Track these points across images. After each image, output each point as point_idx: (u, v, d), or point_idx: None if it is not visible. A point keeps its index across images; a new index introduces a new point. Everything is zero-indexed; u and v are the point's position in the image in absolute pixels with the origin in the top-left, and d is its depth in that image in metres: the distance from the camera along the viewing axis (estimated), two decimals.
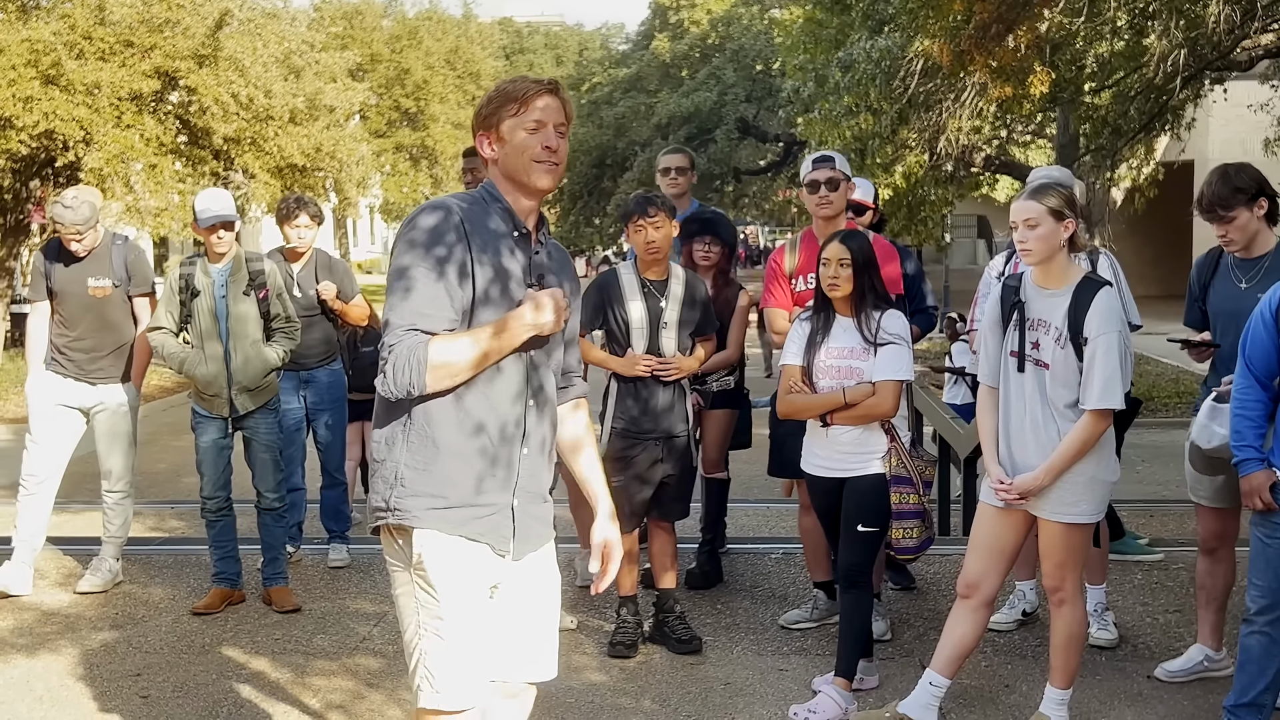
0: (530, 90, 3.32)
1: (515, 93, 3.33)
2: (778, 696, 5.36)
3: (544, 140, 3.32)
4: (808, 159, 6.12)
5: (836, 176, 5.90)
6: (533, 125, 3.32)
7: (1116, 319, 4.59)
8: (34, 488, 6.86)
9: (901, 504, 5.18)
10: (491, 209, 3.38)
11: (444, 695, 3.28)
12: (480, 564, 3.30)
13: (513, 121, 3.32)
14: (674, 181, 7.27)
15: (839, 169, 5.93)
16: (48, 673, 5.73)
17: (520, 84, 3.35)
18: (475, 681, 3.31)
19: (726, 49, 37.81)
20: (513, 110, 3.32)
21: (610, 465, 5.84)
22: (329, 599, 6.76)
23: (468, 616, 3.28)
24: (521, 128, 3.32)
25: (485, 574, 3.32)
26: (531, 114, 3.32)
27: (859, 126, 16.10)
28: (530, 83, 3.35)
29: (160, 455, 13.09)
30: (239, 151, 18.90)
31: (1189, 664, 5.48)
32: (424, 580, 3.27)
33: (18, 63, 16.33)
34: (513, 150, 3.33)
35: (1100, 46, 15.35)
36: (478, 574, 3.30)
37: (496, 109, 3.34)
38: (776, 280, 6.09)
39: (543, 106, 3.32)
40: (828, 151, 6.15)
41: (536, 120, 3.32)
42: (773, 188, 41.59)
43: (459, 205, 3.32)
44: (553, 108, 3.34)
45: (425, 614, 3.28)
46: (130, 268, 6.86)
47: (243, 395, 6.49)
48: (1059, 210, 4.61)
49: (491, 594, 3.38)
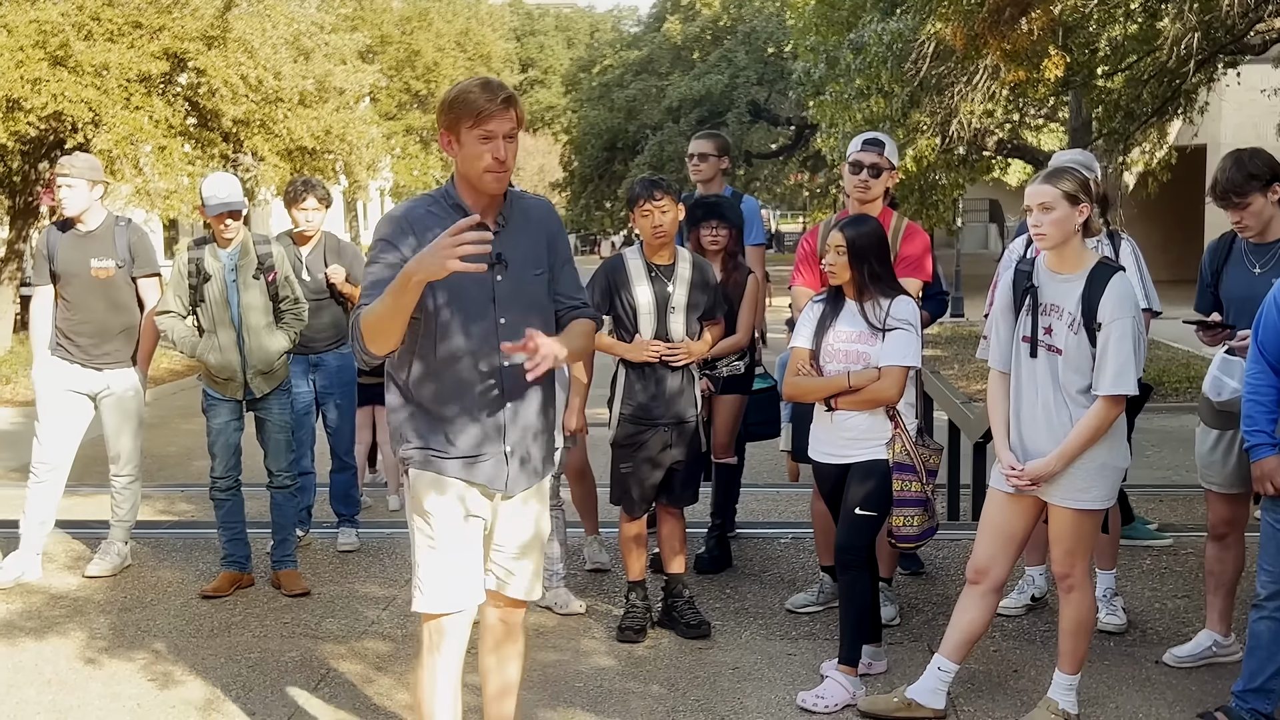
0: (485, 109, 3.70)
1: (472, 107, 3.71)
2: (786, 681, 5.36)
3: (494, 152, 3.73)
4: (858, 137, 6.07)
5: (881, 163, 5.87)
6: (485, 136, 3.72)
7: (1131, 304, 4.56)
8: (44, 475, 6.86)
9: (903, 491, 5.15)
10: (445, 206, 3.84)
11: (429, 600, 3.92)
12: (465, 499, 3.88)
13: (469, 133, 3.73)
14: (695, 167, 7.26)
15: (885, 156, 5.89)
16: (56, 656, 5.74)
17: (478, 99, 3.72)
18: (456, 591, 3.90)
19: (738, 31, 37.78)
20: (469, 123, 3.72)
21: (619, 451, 5.84)
22: (338, 583, 6.77)
23: (448, 541, 3.88)
24: (476, 139, 3.73)
25: (472, 508, 3.90)
26: (485, 126, 3.71)
27: (870, 109, 16.05)
28: (485, 100, 3.71)
29: (170, 438, 13.10)
30: (248, 134, 18.86)
31: (1197, 649, 5.47)
32: (417, 510, 3.92)
33: (26, 44, 16.30)
34: (467, 157, 3.76)
35: (1113, 30, 15.27)
36: (461, 508, 3.89)
37: (456, 119, 3.75)
38: (806, 261, 6.08)
39: (495, 122, 3.72)
40: (880, 136, 6.06)
41: (488, 131, 3.72)
42: (785, 171, 41.55)
43: (411, 210, 3.84)
44: (505, 120, 3.74)
45: (418, 537, 3.94)
46: (133, 249, 6.86)
47: (257, 378, 6.50)
48: (1074, 194, 4.57)
49: (483, 525, 3.96)
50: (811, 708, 5.03)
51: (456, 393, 3.82)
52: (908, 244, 5.91)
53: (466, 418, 3.83)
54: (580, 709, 5.11)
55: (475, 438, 3.85)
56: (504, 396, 3.86)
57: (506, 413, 3.88)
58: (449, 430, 3.84)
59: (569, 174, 45.18)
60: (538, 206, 4.06)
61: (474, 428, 3.84)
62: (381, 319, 3.60)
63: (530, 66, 59.06)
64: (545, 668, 5.53)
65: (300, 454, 7.06)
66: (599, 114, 39.83)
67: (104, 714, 5.11)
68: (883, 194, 5.98)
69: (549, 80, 58.35)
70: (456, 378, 3.81)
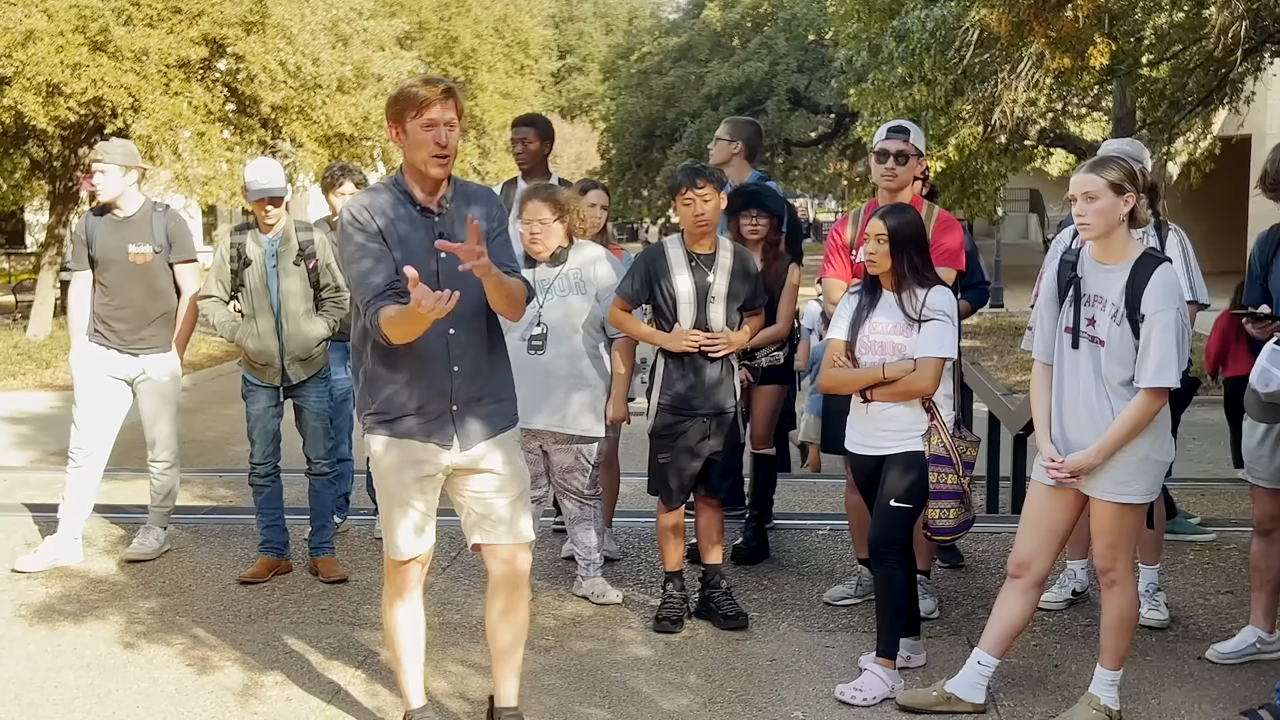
0: (424, 98, 4.11)
1: (415, 99, 4.12)
2: (824, 673, 5.33)
3: (435, 138, 4.13)
4: (883, 126, 6.03)
5: (907, 150, 5.82)
6: (427, 124, 4.12)
7: (1175, 296, 4.49)
8: (82, 460, 6.89)
9: (939, 484, 5.11)
10: (395, 192, 4.27)
11: (390, 548, 4.47)
12: (420, 458, 4.33)
13: (413, 123, 4.14)
14: (710, 151, 7.27)
15: (911, 143, 5.84)
16: (95, 640, 5.77)
17: (419, 91, 4.12)
18: (410, 541, 4.44)
19: (778, 18, 37.57)
20: (413, 114, 4.13)
21: (657, 441, 5.82)
22: (375, 570, 6.76)
23: (404, 497, 4.38)
24: (419, 127, 4.13)
25: (426, 463, 4.35)
26: (426, 115, 4.12)
27: (913, 98, 15.91)
28: (426, 91, 4.12)
29: (208, 424, 13.18)
30: (287, 120, 18.93)
31: (1241, 646, 5.41)
32: (377, 470, 4.42)
33: (66, 29, 16.40)
34: (413, 145, 4.17)
35: (1159, 18, 15.11)
36: (415, 467, 4.34)
37: (401, 111, 4.15)
38: (836, 251, 6.03)
39: (435, 110, 4.12)
40: (905, 123, 6.02)
41: (430, 120, 4.12)
42: (823, 160, 41.35)
43: (372, 200, 4.24)
44: (446, 108, 4.14)
45: (380, 493, 4.47)
46: (171, 235, 6.87)
47: (295, 365, 6.51)
48: (1119, 184, 4.51)
49: (439, 480, 4.42)
50: (850, 700, 5.00)
51: (408, 360, 4.24)
52: (944, 234, 5.85)
53: (419, 381, 4.26)
54: (616, 698, 5.09)
55: (424, 398, 4.28)
56: (450, 360, 4.28)
57: (455, 375, 4.29)
58: (403, 394, 4.28)
59: (606, 162, 45.05)
60: (479, 192, 4.50)
61: (424, 390, 4.27)
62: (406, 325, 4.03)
63: (569, 53, 58.93)
64: (581, 657, 5.52)
65: (338, 441, 7.07)
66: (637, 101, 39.70)
67: (142, 698, 5.13)
68: (911, 181, 5.91)
69: (587, 67, 58.23)
70: (408, 346, 4.17)
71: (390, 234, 4.20)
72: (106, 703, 5.09)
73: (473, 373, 4.34)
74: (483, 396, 4.38)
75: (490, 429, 4.41)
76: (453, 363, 4.29)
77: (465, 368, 4.32)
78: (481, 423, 4.38)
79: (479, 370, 4.36)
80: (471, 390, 4.34)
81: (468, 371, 4.33)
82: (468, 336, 4.31)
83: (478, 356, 4.37)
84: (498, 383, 4.46)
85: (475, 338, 4.35)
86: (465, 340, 4.30)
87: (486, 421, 4.40)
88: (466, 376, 4.32)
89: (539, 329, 5.96)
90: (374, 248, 4.18)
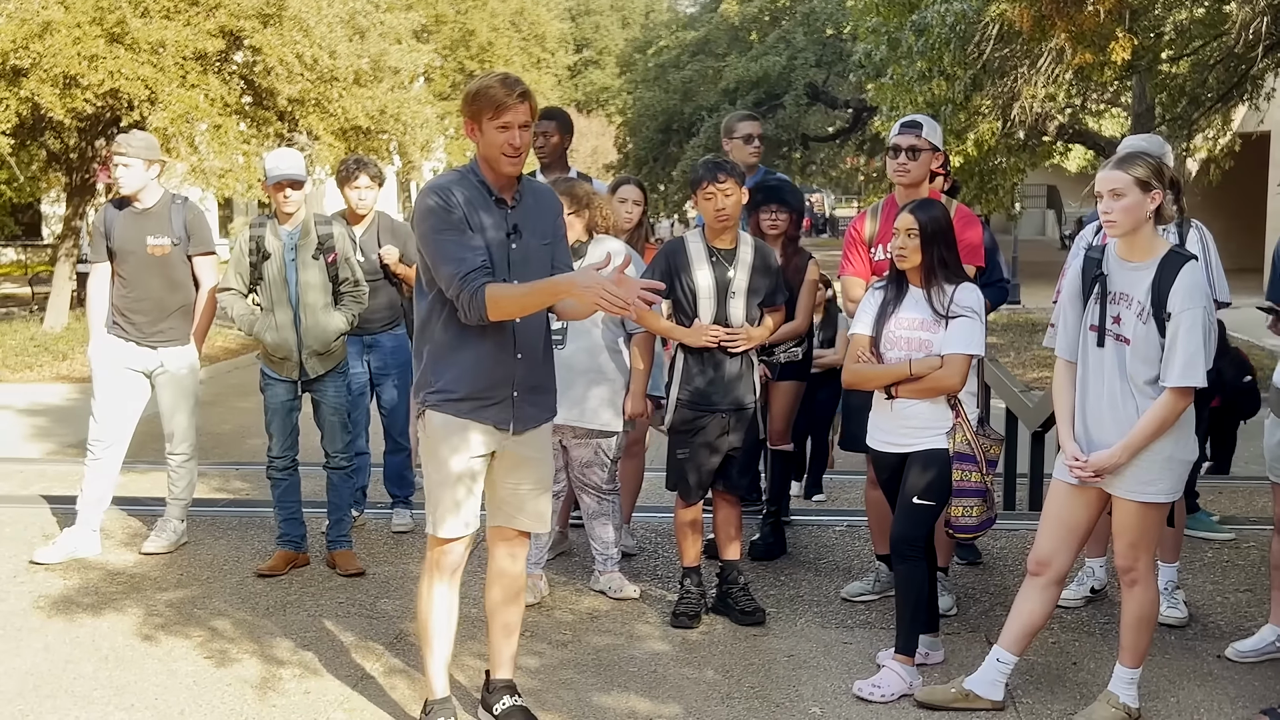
0: (504, 101, 4.29)
1: (492, 101, 4.30)
2: (842, 669, 5.31)
3: (510, 140, 4.32)
4: (899, 122, 6.00)
5: (919, 145, 5.78)
6: (502, 126, 4.31)
7: (1201, 294, 4.45)
8: (100, 452, 6.90)
9: (963, 481, 5.09)
10: (472, 182, 4.43)
11: (436, 527, 4.54)
12: (473, 439, 4.46)
13: (489, 124, 4.33)
14: (757, 150, 7.20)
15: (924, 137, 5.80)
16: (113, 632, 5.78)
17: (497, 93, 4.30)
18: (456, 522, 4.52)
19: (796, 12, 37.42)
20: (488, 115, 4.32)
21: (676, 436, 5.80)
22: (393, 563, 6.78)
23: (455, 478, 4.47)
24: (494, 128, 4.32)
25: (480, 444, 4.47)
26: (503, 118, 4.31)
27: (932, 92, 15.85)
28: (503, 94, 4.29)
29: (226, 417, 13.21)
30: (303, 113, 18.93)
31: (1260, 644, 5.38)
32: (430, 448, 4.51)
33: (83, 20, 16.42)
34: (488, 143, 4.37)
35: (1180, 14, 15.04)
36: (468, 448, 4.46)
37: (478, 110, 4.34)
38: (855, 247, 6.00)
39: (511, 113, 4.30)
40: (919, 117, 5.98)
41: (505, 122, 4.31)
42: (841, 154, 41.25)
43: (450, 184, 4.40)
44: (520, 112, 4.32)
45: (430, 471, 4.54)
46: (189, 227, 6.87)
47: (313, 359, 6.51)
48: (1145, 181, 4.47)
49: (485, 461, 4.54)
50: (868, 697, 4.98)
51: (474, 342, 4.40)
52: (964, 229, 5.81)
53: (485, 364, 4.42)
54: (634, 693, 5.08)
55: (488, 382, 4.44)
56: (516, 348, 4.46)
57: (519, 363, 4.48)
58: (468, 376, 4.42)
59: (623, 156, 44.97)
60: (545, 190, 4.75)
61: (489, 373, 4.43)
62: (523, 308, 4.30)
63: (585, 47, 58.86)
64: (599, 652, 5.51)
65: (356, 435, 7.06)
66: (654, 95, 39.62)
67: (160, 690, 5.13)
68: (926, 176, 5.88)
69: (604, 61, 58.12)
70: (480, 329, 4.35)
71: (472, 218, 4.36)
72: (124, 695, 5.09)
73: (532, 361, 4.54)
74: (537, 386, 4.59)
75: (540, 417, 4.63)
76: (517, 350, 4.47)
77: (527, 356, 4.51)
78: (534, 410, 4.59)
79: (537, 360, 4.57)
80: (530, 378, 4.54)
81: (529, 359, 4.52)
82: (531, 327, 4.51)
83: (537, 346, 4.58)
84: (548, 374, 4.68)
85: (536, 329, 4.56)
86: (529, 330, 4.50)
87: (538, 410, 4.61)
88: (527, 364, 4.52)
89: (559, 323, 5.96)
90: (462, 227, 4.33)
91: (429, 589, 4.62)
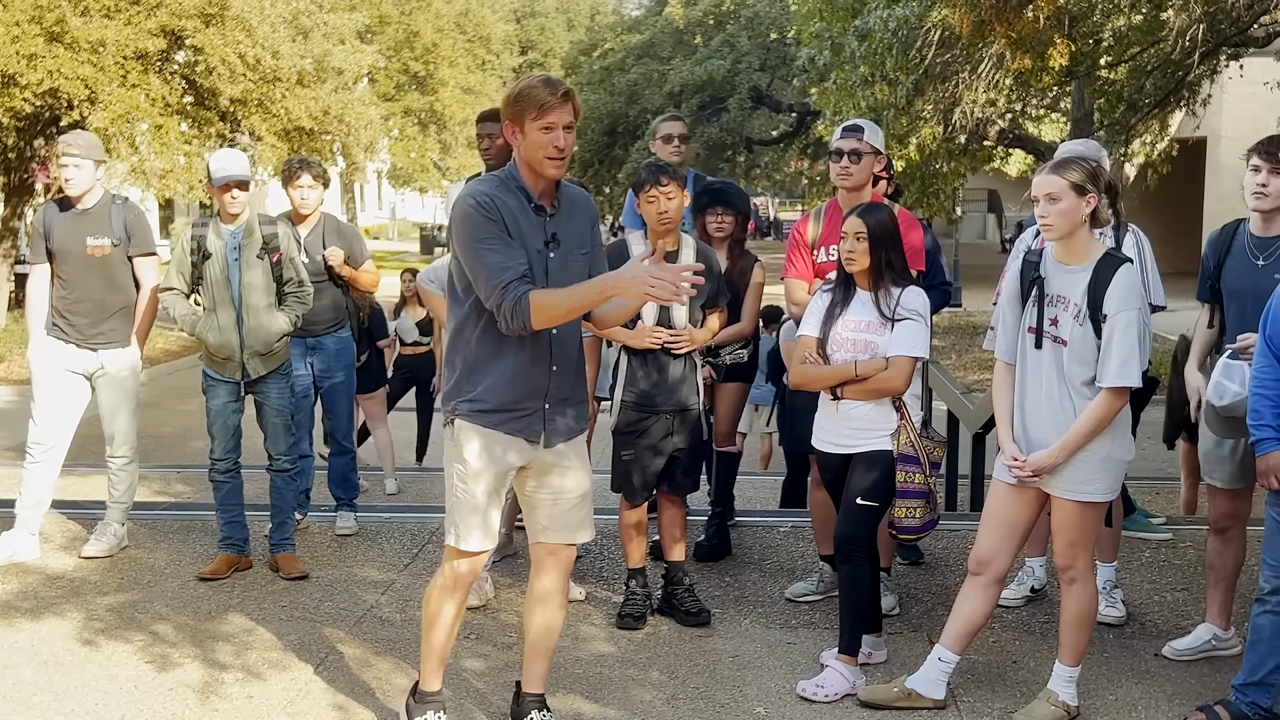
0: (548, 101, 4.18)
1: (536, 101, 4.19)
2: (786, 669, 5.35)
3: (554, 141, 4.21)
4: (841, 126, 6.04)
5: (862, 148, 5.82)
6: (546, 127, 4.20)
7: (1137, 296, 4.54)
8: (40, 455, 6.82)
9: (906, 483, 5.14)
10: (511, 188, 4.31)
11: (457, 538, 4.44)
12: (502, 451, 4.37)
13: (531, 125, 4.20)
14: (677, 149, 7.17)
15: (866, 141, 5.84)
16: (53, 637, 5.72)
17: (541, 93, 4.19)
18: (479, 534, 4.43)
19: (741, 16, 37.51)
20: (533, 115, 4.19)
21: (621, 438, 5.82)
22: (336, 566, 6.75)
23: (480, 490, 4.38)
24: (538, 129, 4.20)
25: (510, 457, 4.40)
26: (547, 119, 4.19)
27: (874, 97, 15.95)
28: (547, 94, 4.19)
29: (166, 419, 13.09)
30: (246, 113, 18.77)
31: (1197, 643, 5.47)
32: (457, 458, 4.40)
33: (21, 19, 16.21)
34: (530, 145, 4.24)
35: (1118, 20, 15.22)
36: (496, 460, 4.37)
37: (520, 111, 4.22)
38: (798, 250, 6.03)
39: (555, 114, 4.19)
40: (860, 121, 6.03)
41: (550, 123, 4.20)
42: (785, 158, 41.38)
43: (490, 192, 4.27)
44: (565, 112, 4.21)
45: (454, 482, 4.42)
46: (129, 227, 6.80)
47: (255, 360, 6.46)
48: (1081, 185, 4.55)
49: (511, 474, 4.47)
50: (811, 697, 5.02)
51: (510, 352, 4.31)
52: (905, 233, 5.85)
53: (520, 375, 4.33)
54: (579, 695, 5.09)
55: (520, 393, 4.35)
56: (551, 360, 4.37)
57: (553, 374, 4.39)
58: (502, 386, 4.33)
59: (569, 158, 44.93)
60: (581, 196, 4.58)
61: (523, 385, 4.34)
62: (569, 311, 4.21)
63: (530, 49, 58.69)
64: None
65: (299, 437, 7.03)
66: (600, 98, 39.55)
67: (101, 695, 5.09)
68: (869, 180, 5.93)
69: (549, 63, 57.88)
70: (515, 340, 4.27)
71: (512, 225, 4.26)
72: (64, 700, 5.04)
73: (565, 373, 4.46)
74: (568, 397, 4.49)
75: (571, 430, 4.53)
76: (553, 362, 4.40)
77: (561, 367, 4.44)
78: (565, 422, 4.49)
79: (570, 371, 4.49)
80: (563, 390, 4.46)
81: (563, 371, 4.44)
82: (566, 338, 4.44)
83: (572, 358, 4.50)
84: (580, 385, 4.58)
85: (571, 340, 4.48)
86: (564, 340, 4.43)
87: (569, 422, 4.51)
88: (561, 376, 4.44)
89: None
90: (503, 235, 4.23)
91: (441, 596, 4.55)
